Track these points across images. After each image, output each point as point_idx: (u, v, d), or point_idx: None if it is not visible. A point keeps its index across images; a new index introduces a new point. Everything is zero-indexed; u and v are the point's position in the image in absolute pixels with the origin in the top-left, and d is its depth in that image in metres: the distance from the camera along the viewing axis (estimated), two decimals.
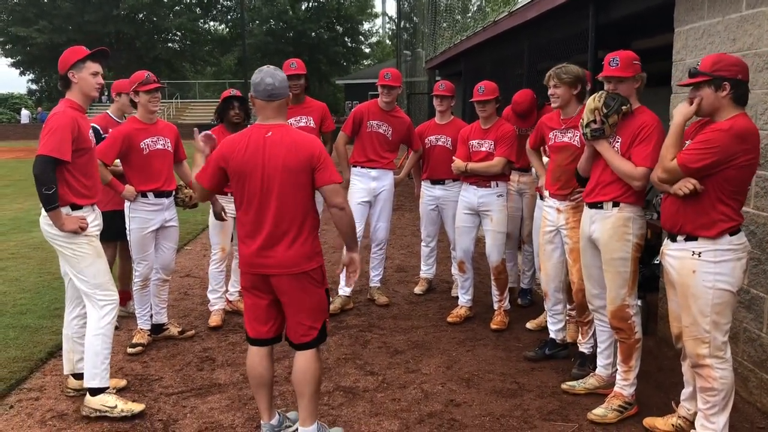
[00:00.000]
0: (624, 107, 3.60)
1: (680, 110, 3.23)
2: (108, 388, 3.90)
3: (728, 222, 3.13)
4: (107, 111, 5.47)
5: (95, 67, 3.86)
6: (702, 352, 3.22)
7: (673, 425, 3.59)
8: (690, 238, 3.21)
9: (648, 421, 3.69)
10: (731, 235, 3.15)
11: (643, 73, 3.70)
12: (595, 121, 3.65)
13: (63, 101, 3.85)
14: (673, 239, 3.31)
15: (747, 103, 3.18)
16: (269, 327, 3.41)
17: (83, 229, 3.76)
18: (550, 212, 4.42)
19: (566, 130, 4.25)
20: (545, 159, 4.80)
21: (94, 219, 3.89)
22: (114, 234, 4.90)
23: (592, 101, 3.68)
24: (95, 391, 3.84)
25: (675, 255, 3.30)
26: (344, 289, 5.83)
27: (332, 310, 5.96)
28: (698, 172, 3.10)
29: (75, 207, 3.77)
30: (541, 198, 4.72)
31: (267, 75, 3.26)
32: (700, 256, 3.17)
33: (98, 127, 5.16)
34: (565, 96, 4.22)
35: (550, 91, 4.32)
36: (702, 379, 3.26)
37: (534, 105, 5.42)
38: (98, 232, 3.93)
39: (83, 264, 3.80)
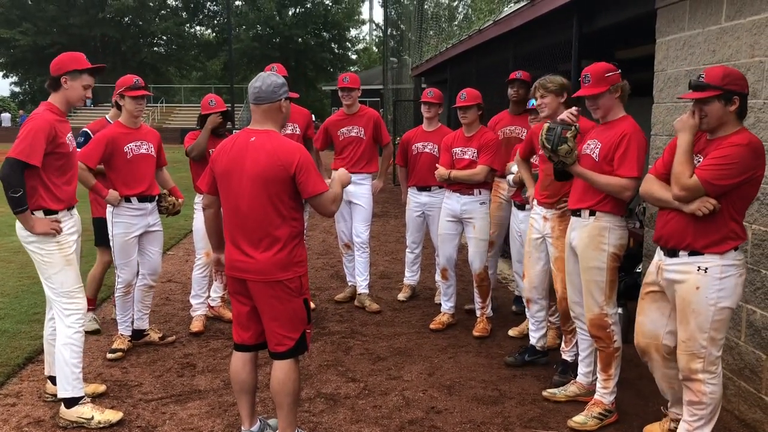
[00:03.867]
0: (569, 133, 3.55)
1: (688, 125, 3.11)
2: (83, 397, 3.83)
3: (737, 240, 3.09)
4: (106, 116, 5.42)
5: (89, 80, 3.82)
6: (695, 367, 3.17)
7: (670, 431, 3.59)
8: (694, 253, 3.13)
9: (647, 429, 3.70)
10: (735, 250, 3.11)
11: (623, 81, 3.69)
12: (551, 157, 3.66)
13: (44, 104, 3.81)
14: (673, 254, 3.21)
15: (745, 116, 3.15)
16: (251, 333, 3.41)
17: (57, 231, 3.71)
18: (537, 220, 4.43)
19: None
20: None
21: (71, 225, 3.84)
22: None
23: (540, 139, 3.69)
24: (69, 403, 3.78)
25: (677, 269, 3.20)
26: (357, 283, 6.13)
27: (340, 298, 6.26)
28: (720, 189, 3.01)
29: (49, 212, 3.72)
30: (520, 207, 4.83)
31: (258, 79, 3.29)
32: (706, 272, 3.10)
33: (89, 132, 5.14)
34: (552, 105, 4.28)
35: (537, 102, 4.39)
36: (691, 392, 3.22)
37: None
38: (74, 239, 3.84)
39: (51, 270, 3.73)
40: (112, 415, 3.81)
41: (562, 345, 4.46)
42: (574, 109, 3.82)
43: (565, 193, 4.23)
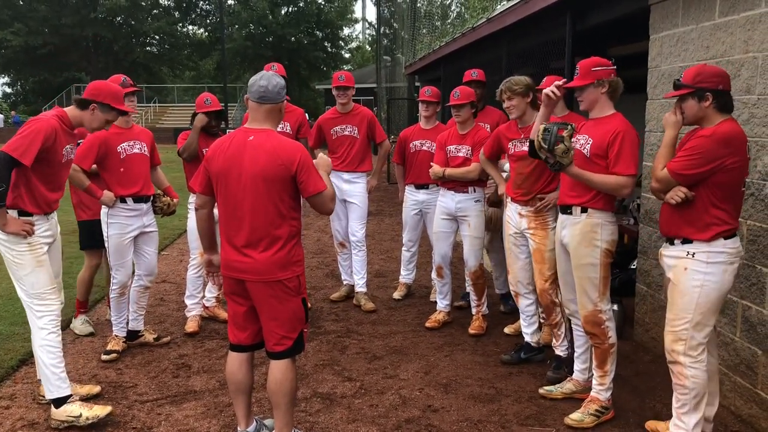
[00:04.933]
0: (565, 132, 3.48)
1: (670, 122, 3.31)
2: (70, 396, 3.81)
3: (722, 225, 3.18)
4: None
5: (114, 118, 3.97)
6: (677, 349, 3.27)
7: None
8: (686, 241, 3.26)
9: (650, 425, 3.71)
10: (726, 239, 3.20)
11: (612, 77, 3.68)
12: (548, 158, 3.60)
13: (56, 109, 3.81)
14: (671, 242, 3.36)
15: (732, 109, 3.24)
16: (248, 333, 3.39)
17: (29, 233, 3.67)
18: (512, 217, 4.51)
19: (525, 139, 4.27)
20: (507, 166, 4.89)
21: (46, 229, 3.80)
22: (101, 242, 4.84)
23: (536, 140, 3.58)
24: (58, 403, 3.76)
25: (672, 255, 3.34)
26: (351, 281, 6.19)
27: (336, 297, 6.25)
28: (688, 179, 3.16)
29: (23, 213, 3.69)
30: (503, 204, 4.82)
31: (262, 78, 3.27)
32: (693, 256, 3.23)
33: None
34: (520, 106, 4.38)
35: (505, 105, 4.46)
36: (675, 376, 3.32)
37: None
38: (47, 242, 3.81)
39: (22, 272, 3.70)
40: (100, 410, 3.79)
41: (553, 340, 4.48)
42: (557, 83, 3.77)
43: (539, 191, 4.34)
